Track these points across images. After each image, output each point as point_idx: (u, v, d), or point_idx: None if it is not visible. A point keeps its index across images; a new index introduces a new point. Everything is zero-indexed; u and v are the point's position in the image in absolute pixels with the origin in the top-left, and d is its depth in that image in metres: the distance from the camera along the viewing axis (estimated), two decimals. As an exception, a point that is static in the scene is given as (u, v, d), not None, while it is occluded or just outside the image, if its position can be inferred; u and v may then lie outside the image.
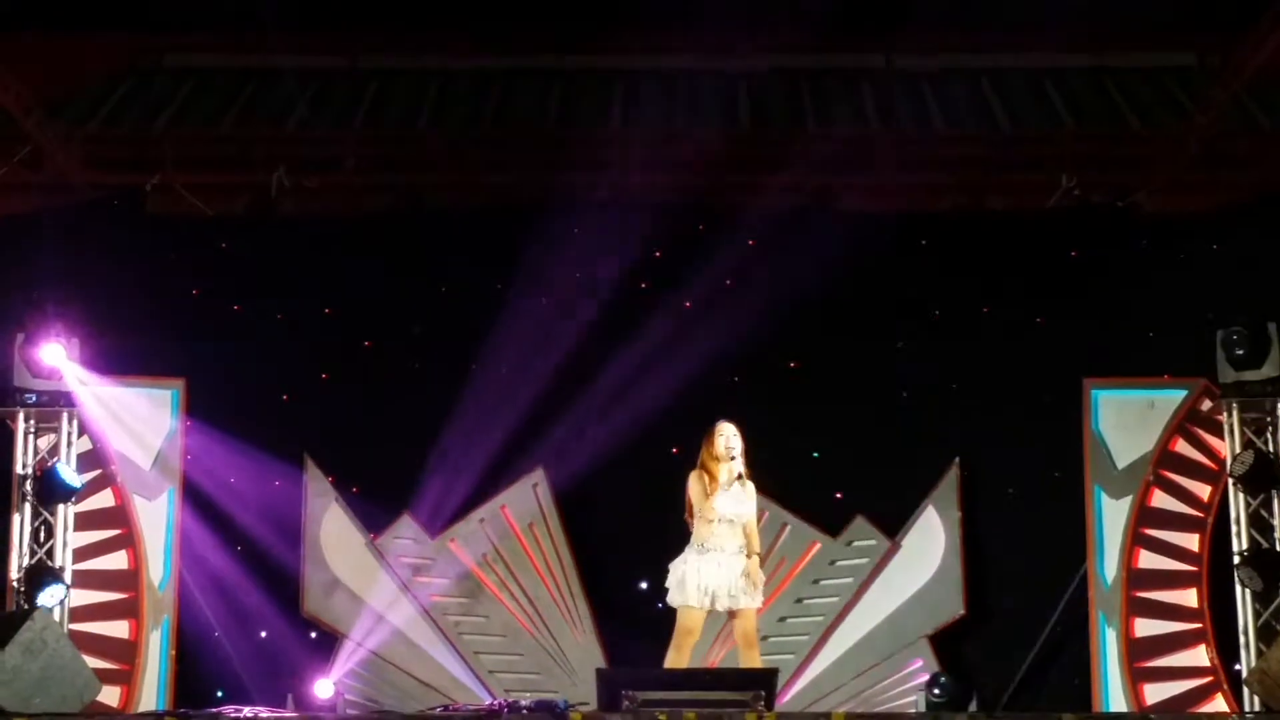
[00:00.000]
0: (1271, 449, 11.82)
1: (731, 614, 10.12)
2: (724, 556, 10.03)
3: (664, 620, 10.38)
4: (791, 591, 12.47)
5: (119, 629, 12.11)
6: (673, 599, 10.11)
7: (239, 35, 13.44)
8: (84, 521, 12.05)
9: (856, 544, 12.52)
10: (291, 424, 12.51)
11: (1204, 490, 12.30)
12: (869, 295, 12.56)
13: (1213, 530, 12.21)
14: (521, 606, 12.48)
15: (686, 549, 10.14)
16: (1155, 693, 12.09)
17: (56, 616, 11.39)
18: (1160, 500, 12.33)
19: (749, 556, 10.07)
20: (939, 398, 12.50)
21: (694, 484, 10.16)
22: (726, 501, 10.08)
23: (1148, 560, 12.28)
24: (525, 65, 13.77)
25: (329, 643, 12.38)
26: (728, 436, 10.12)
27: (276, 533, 12.40)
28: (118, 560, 12.20)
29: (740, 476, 10.09)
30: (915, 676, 12.25)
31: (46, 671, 10.18)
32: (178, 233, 12.83)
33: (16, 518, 11.76)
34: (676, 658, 10.00)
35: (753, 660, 10.04)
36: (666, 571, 10.23)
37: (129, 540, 12.21)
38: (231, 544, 12.39)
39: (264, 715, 10.34)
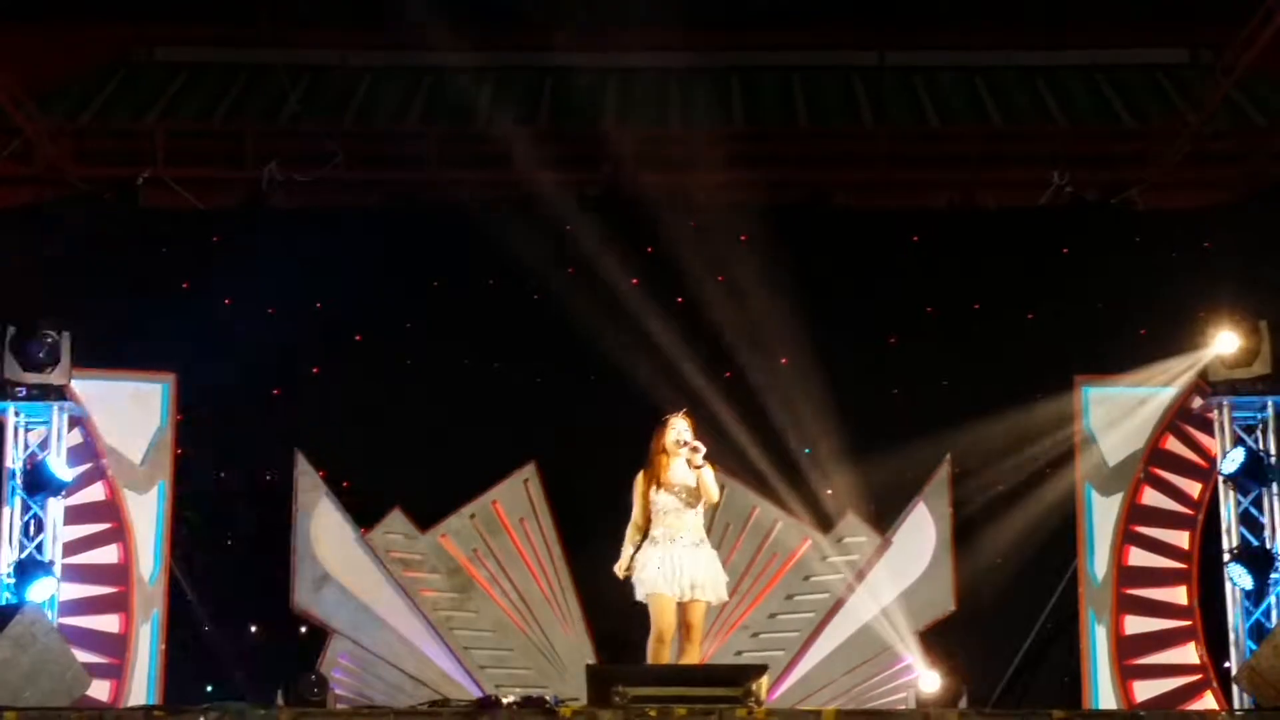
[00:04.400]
0: (1262, 447, 11.83)
1: (682, 605, 9.96)
2: (680, 548, 9.92)
3: (655, 616, 10.35)
4: (782, 587, 12.47)
5: (109, 623, 12.08)
6: (642, 593, 9.99)
7: (231, 29, 13.43)
8: (74, 515, 12.03)
9: (847, 540, 12.52)
10: (282, 418, 12.51)
11: (1194, 488, 12.30)
12: (860, 291, 12.57)
13: (1203, 528, 12.22)
14: (512, 602, 12.47)
15: (644, 544, 9.99)
16: (1145, 690, 12.10)
17: (46, 611, 11.37)
18: (1151, 498, 12.34)
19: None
20: (930, 394, 12.50)
21: (640, 481, 10.07)
22: (670, 495, 9.98)
23: (1138, 558, 12.29)
24: (517, 62, 13.77)
25: (319, 637, 12.37)
26: (679, 430, 10.04)
27: (267, 527, 12.40)
28: (108, 554, 12.18)
29: (697, 454, 9.91)
30: (906, 673, 12.26)
31: (36, 665, 10.18)
32: (169, 226, 12.84)
33: (7, 511, 11.75)
34: (661, 650, 9.91)
35: (693, 654, 9.97)
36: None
37: (119, 534, 12.19)
38: (222, 538, 12.37)
39: (254, 710, 10.31)
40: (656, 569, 9.88)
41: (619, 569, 10.13)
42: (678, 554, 9.91)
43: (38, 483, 11.72)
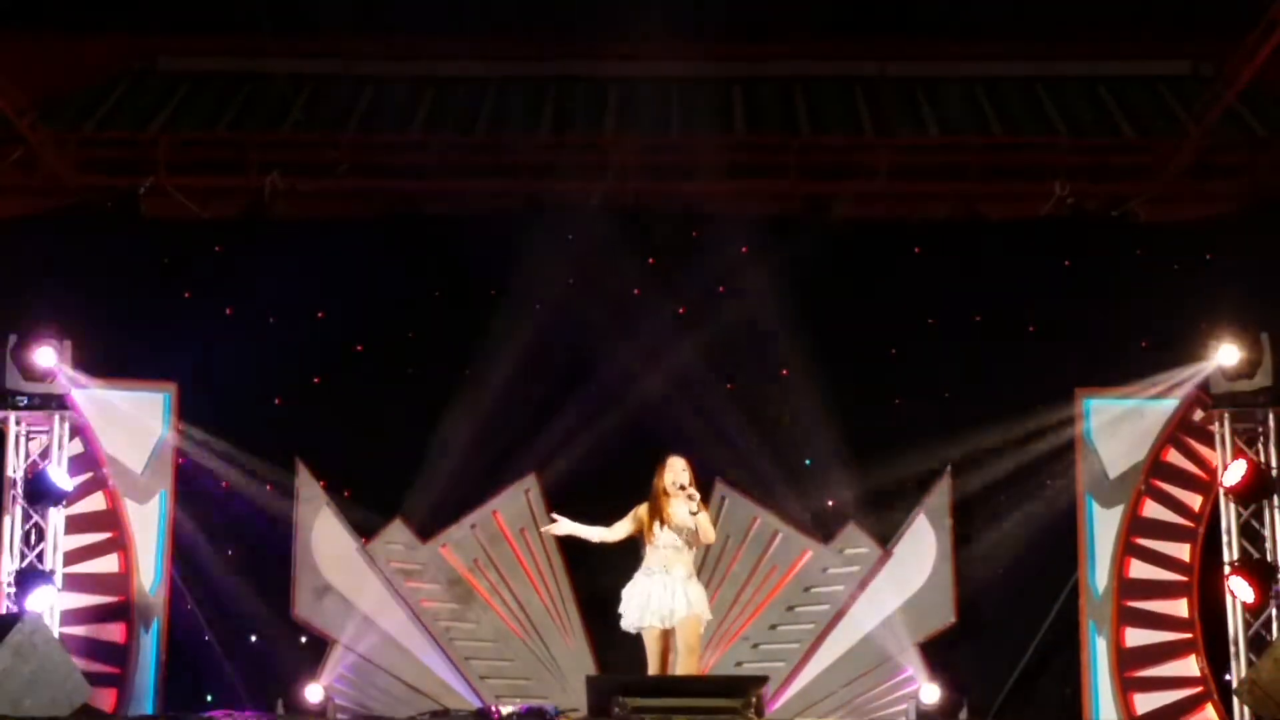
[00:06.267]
0: (1263, 459, 11.83)
1: (668, 631, 10.04)
2: (668, 579, 10.02)
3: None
4: (783, 599, 12.47)
5: (110, 632, 12.10)
6: (628, 624, 10.10)
7: (233, 39, 13.45)
8: (75, 525, 12.06)
9: (848, 551, 12.51)
10: (283, 428, 12.52)
11: (1195, 500, 12.30)
12: (862, 302, 12.56)
13: (1204, 540, 12.21)
14: (512, 612, 12.47)
15: (639, 574, 10.15)
16: (1145, 702, 12.09)
17: (47, 620, 11.38)
18: (1152, 510, 12.33)
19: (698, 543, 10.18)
20: (931, 406, 12.49)
21: (640, 513, 10.19)
22: (671, 532, 10.08)
23: (1139, 570, 12.28)
24: (519, 72, 13.78)
25: (319, 647, 12.37)
26: (676, 472, 10.13)
27: (267, 537, 12.40)
28: (109, 564, 12.20)
29: (693, 500, 10.02)
30: (906, 685, 12.25)
31: (36, 675, 10.19)
32: (171, 236, 12.85)
33: (7, 520, 11.79)
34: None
35: (692, 668, 10.02)
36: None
37: (120, 544, 12.20)
38: (222, 548, 12.38)
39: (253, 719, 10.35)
40: (641, 605, 10.01)
41: (554, 523, 10.44)
42: (666, 585, 10.01)
43: (38, 492, 11.75)
